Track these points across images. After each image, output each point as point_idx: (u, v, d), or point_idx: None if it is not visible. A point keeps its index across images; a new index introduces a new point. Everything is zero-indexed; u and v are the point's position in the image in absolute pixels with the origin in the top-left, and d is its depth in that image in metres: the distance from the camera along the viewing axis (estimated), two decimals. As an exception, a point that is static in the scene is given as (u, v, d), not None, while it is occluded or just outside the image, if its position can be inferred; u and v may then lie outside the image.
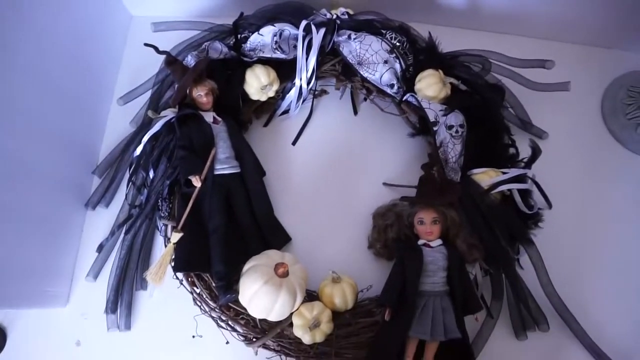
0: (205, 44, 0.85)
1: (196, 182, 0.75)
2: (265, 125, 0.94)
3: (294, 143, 0.93)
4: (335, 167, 0.91)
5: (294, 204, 0.88)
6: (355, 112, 0.95)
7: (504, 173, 0.79)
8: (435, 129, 0.81)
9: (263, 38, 0.85)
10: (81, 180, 0.92)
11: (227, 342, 0.77)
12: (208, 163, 0.76)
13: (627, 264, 0.86)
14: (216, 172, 0.78)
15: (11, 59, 0.74)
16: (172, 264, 0.75)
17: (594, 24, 0.97)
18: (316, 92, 0.93)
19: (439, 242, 0.74)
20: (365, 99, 0.94)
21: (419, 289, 0.71)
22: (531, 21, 0.97)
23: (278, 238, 0.84)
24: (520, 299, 0.79)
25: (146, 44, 0.81)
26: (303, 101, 0.92)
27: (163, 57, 0.82)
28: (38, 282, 0.82)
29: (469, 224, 0.76)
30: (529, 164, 0.82)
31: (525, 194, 0.80)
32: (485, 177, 0.79)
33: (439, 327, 0.69)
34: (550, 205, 0.85)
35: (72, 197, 0.90)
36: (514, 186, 0.78)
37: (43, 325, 0.85)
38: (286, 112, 0.93)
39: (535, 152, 0.82)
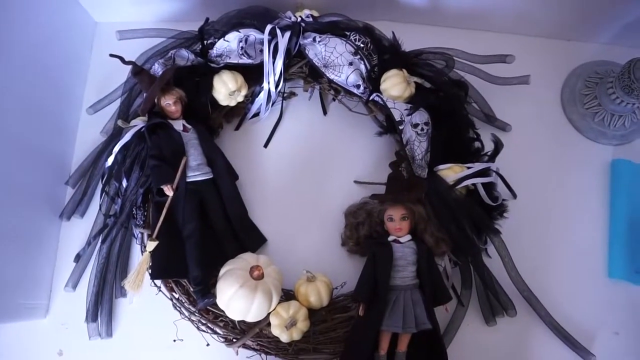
0: (172, 51, 0.85)
1: (168, 191, 0.76)
2: (236, 129, 0.95)
3: (265, 145, 0.95)
4: (306, 167, 0.93)
5: (267, 206, 0.90)
6: (325, 113, 0.97)
7: (468, 168, 0.82)
8: (401, 127, 0.83)
9: (229, 44, 0.86)
10: (54, 192, 0.92)
11: (208, 344, 0.79)
12: (179, 172, 0.77)
13: (587, 248, 0.90)
14: (188, 180, 0.79)
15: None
16: (150, 271, 0.76)
17: (553, 17, 0.99)
18: (285, 95, 0.94)
19: (408, 237, 0.76)
20: (333, 99, 0.95)
21: (390, 284, 0.73)
22: (492, 16, 0.99)
23: (253, 240, 0.86)
24: (488, 287, 0.83)
25: (112, 55, 0.81)
26: (273, 104, 0.93)
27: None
28: (16, 296, 0.82)
29: (437, 219, 0.79)
30: (492, 157, 0.85)
31: (489, 187, 0.83)
32: (450, 172, 0.81)
33: (411, 320, 0.71)
34: (514, 196, 0.89)
35: (46, 209, 0.90)
36: (478, 180, 0.81)
37: (24, 338, 0.86)
38: (256, 115, 0.94)
39: (498, 146, 0.85)
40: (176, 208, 0.78)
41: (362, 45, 0.87)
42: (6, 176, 0.80)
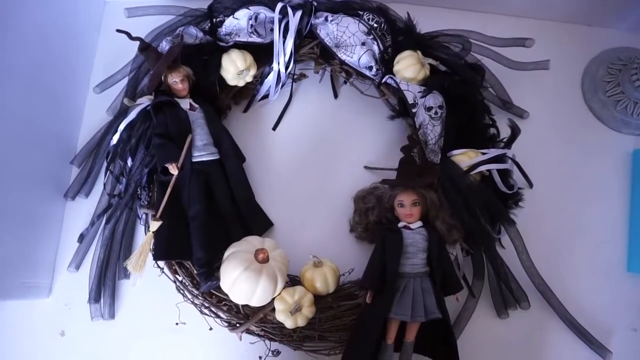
0: (180, 29, 0.83)
1: (173, 169, 0.74)
2: (245, 110, 0.93)
3: (274, 128, 0.92)
4: (316, 151, 0.91)
5: (275, 189, 0.88)
6: (336, 96, 0.94)
7: (483, 154, 0.79)
8: (414, 110, 0.80)
9: (238, 22, 0.83)
10: (60, 171, 0.91)
11: (211, 329, 0.78)
12: (184, 150, 0.75)
13: (605, 240, 0.87)
14: (194, 159, 0.78)
15: (-21, 50, 0.73)
16: (153, 252, 0.75)
17: (574, 1, 0.96)
18: (295, 76, 0.92)
19: (419, 224, 0.74)
20: (345, 82, 0.93)
21: (399, 271, 0.71)
22: (510, -1, 0.96)
23: (259, 224, 0.84)
24: (501, 278, 0.80)
25: (118, 30, 0.79)
26: (282, 86, 0.91)
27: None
28: (20, 275, 0.81)
29: (449, 205, 0.76)
30: (508, 143, 0.82)
31: (505, 174, 0.80)
32: (464, 157, 0.79)
33: (420, 308, 0.69)
34: (530, 185, 0.86)
35: (51, 188, 0.89)
36: (494, 166, 0.78)
37: (27, 317, 0.85)
38: (265, 97, 0.92)
39: (515, 132, 0.82)
40: (181, 188, 0.76)
41: (375, 25, 0.85)
42: (12, 155, 0.78)
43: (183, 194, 0.76)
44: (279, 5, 0.84)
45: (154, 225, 0.74)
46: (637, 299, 0.84)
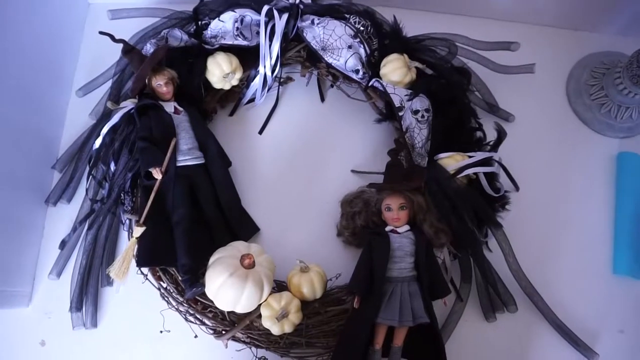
0: (165, 31, 0.82)
1: (157, 174, 0.73)
2: (231, 114, 0.92)
3: (260, 132, 0.91)
4: (303, 155, 0.90)
5: (261, 194, 0.87)
6: (322, 99, 0.94)
7: (470, 157, 0.79)
8: (400, 114, 0.80)
9: (224, 24, 0.83)
10: (41, 176, 0.89)
11: (196, 336, 0.76)
12: (168, 154, 0.74)
13: (591, 243, 0.88)
14: (179, 164, 0.76)
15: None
16: (136, 258, 0.73)
17: (559, 6, 0.97)
18: (281, 80, 0.91)
19: (407, 227, 0.73)
20: (331, 86, 0.92)
21: (386, 276, 0.70)
22: (496, 3, 0.96)
23: (246, 229, 0.83)
24: (489, 282, 0.80)
25: (101, 32, 0.78)
26: (269, 89, 0.90)
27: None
28: (-1, 282, 0.79)
29: (436, 209, 0.76)
30: (494, 147, 0.82)
31: (491, 177, 0.80)
32: (451, 161, 0.79)
33: (407, 313, 0.68)
34: (517, 188, 0.86)
35: (32, 193, 0.87)
36: (480, 170, 0.78)
37: (5, 326, 0.83)
38: (252, 100, 0.91)
39: (501, 135, 0.82)
40: (165, 193, 0.75)
41: (362, 28, 0.84)
42: (-9, 159, 0.77)
43: (167, 199, 0.75)
44: (265, 8, 0.83)
45: (138, 231, 0.72)
46: (624, 301, 0.85)
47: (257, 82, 0.88)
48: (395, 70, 0.81)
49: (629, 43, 0.95)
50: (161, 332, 0.77)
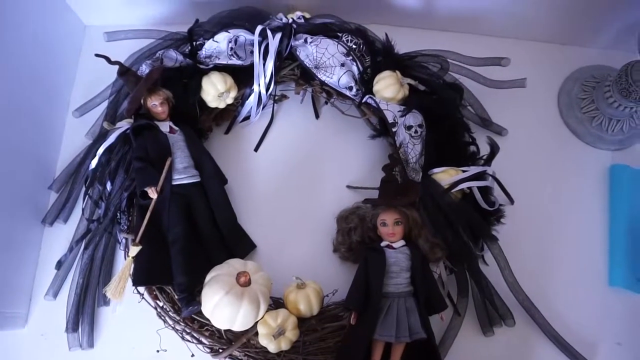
0: (160, 52, 0.83)
1: (152, 193, 0.73)
2: (226, 132, 0.93)
3: (256, 149, 0.92)
4: (298, 171, 0.90)
5: (257, 211, 0.87)
6: (317, 116, 0.95)
7: (464, 171, 0.80)
8: (394, 129, 0.81)
9: (218, 45, 0.84)
10: (37, 196, 0.89)
11: (193, 355, 0.76)
12: (163, 174, 0.74)
13: (587, 256, 0.88)
14: (175, 182, 0.77)
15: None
16: (132, 278, 0.73)
17: (549, 21, 0.98)
18: (276, 97, 0.92)
19: (402, 243, 0.74)
20: (326, 102, 0.93)
21: (382, 291, 0.71)
22: (486, 19, 0.98)
23: (242, 246, 0.83)
24: (486, 296, 0.80)
25: (97, 55, 0.79)
26: (263, 107, 0.91)
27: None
28: (-5, 304, 0.79)
29: (431, 224, 0.76)
30: (488, 161, 0.83)
31: (485, 191, 0.80)
32: (445, 176, 0.79)
33: (404, 329, 0.68)
34: (512, 201, 0.87)
35: (28, 214, 0.87)
36: (474, 184, 0.79)
37: (2, 348, 0.82)
38: (247, 118, 0.92)
39: (494, 149, 0.82)
40: (161, 212, 0.75)
41: (354, 46, 0.86)
42: (-12, 180, 0.77)
43: (163, 218, 0.75)
44: (259, 28, 0.84)
45: (134, 250, 0.72)
46: (620, 313, 0.85)
47: (252, 100, 0.89)
48: (388, 87, 0.82)
49: (617, 57, 0.97)
50: (158, 351, 0.76)
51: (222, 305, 0.68)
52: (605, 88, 0.90)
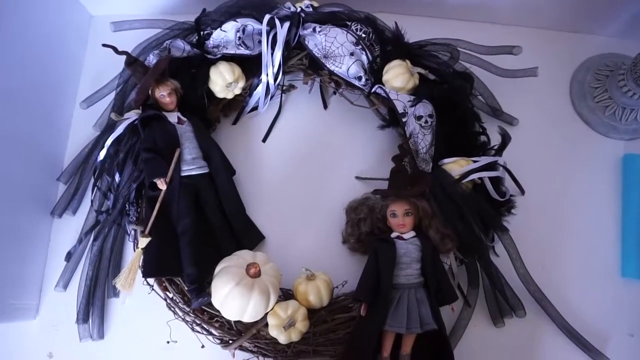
0: (167, 42, 0.82)
1: (161, 184, 0.73)
2: (234, 123, 0.92)
3: (264, 140, 0.92)
4: (306, 162, 0.90)
5: (266, 202, 0.87)
6: (325, 106, 0.94)
7: (474, 162, 0.79)
8: (404, 120, 0.80)
9: (226, 34, 0.83)
10: (46, 188, 0.89)
11: (203, 346, 0.76)
12: (172, 165, 0.74)
13: (599, 246, 0.87)
14: (183, 174, 0.76)
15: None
16: (142, 269, 0.73)
17: (560, 9, 0.96)
18: (284, 88, 0.92)
19: (412, 233, 0.73)
20: (334, 93, 0.92)
21: (393, 282, 0.70)
22: (497, 7, 0.97)
23: (251, 237, 0.83)
24: (496, 287, 0.79)
25: (104, 45, 0.78)
26: (271, 97, 0.91)
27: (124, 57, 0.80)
28: (5, 296, 0.79)
29: (442, 214, 0.75)
30: (499, 151, 0.82)
31: (496, 182, 0.80)
32: (455, 166, 0.78)
33: (415, 320, 0.68)
34: (522, 192, 0.86)
35: (37, 206, 0.87)
36: (485, 174, 0.78)
37: (13, 340, 0.83)
38: (255, 108, 0.92)
39: (505, 139, 0.81)
40: (170, 203, 0.75)
41: (363, 35, 0.84)
42: (-3, 172, 0.77)
43: (172, 209, 0.75)
44: (267, 17, 0.83)
45: (143, 241, 0.72)
46: (633, 304, 0.84)
47: (260, 90, 0.88)
48: (397, 77, 0.81)
49: (630, 45, 0.95)
50: (168, 342, 0.77)
51: (232, 296, 0.68)
52: (619, 77, 0.89)
